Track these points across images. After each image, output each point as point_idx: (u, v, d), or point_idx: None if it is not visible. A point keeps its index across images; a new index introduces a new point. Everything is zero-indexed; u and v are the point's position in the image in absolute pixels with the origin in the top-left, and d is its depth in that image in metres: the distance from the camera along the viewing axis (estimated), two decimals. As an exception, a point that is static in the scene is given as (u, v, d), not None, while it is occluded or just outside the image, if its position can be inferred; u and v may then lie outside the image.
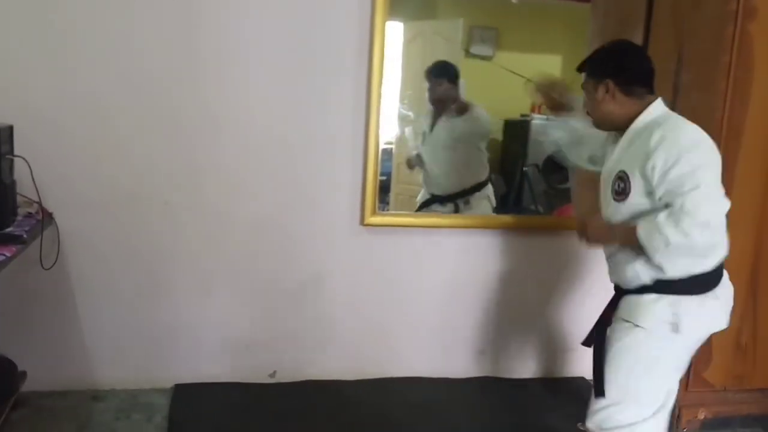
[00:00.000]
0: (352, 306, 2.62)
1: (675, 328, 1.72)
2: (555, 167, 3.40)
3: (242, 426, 2.30)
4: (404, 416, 2.43)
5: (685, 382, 2.37)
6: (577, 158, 2.16)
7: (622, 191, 1.76)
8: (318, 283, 2.58)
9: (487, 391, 2.68)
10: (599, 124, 1.89)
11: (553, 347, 2.82)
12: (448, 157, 3.06)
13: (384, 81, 2.45)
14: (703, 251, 1.70)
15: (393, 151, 3.12)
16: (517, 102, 3.42)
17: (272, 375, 2.61)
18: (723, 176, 1.70)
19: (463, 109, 3.04)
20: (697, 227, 1.60)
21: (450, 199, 2.98)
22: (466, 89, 3.24)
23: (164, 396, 2.44)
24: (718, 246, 1.74)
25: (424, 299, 2.68)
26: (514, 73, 3.21)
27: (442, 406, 2.53)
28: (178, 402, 2.40)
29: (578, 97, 3.09)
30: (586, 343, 1.96)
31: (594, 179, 1.99)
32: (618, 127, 1.83)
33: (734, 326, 2.37)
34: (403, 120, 3.08)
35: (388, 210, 2.81)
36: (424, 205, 3.02)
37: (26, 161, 2.01)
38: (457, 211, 2.97)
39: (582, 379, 2.78)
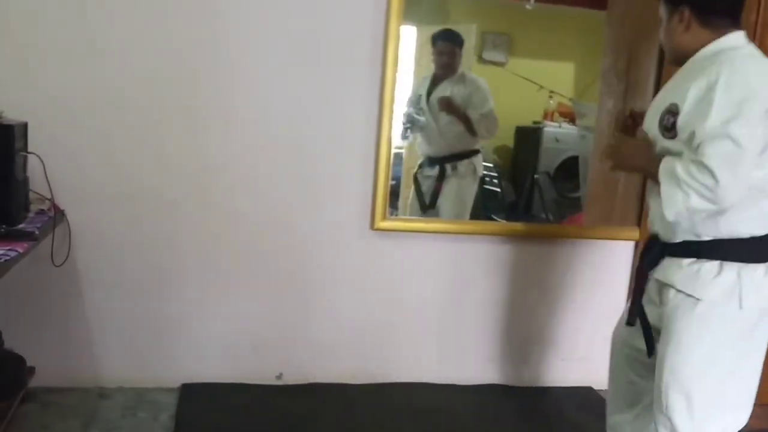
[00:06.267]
0: (361, 310, 2.62)
1: (740, 303, 1.47)
2: (566, 175, 3.40)
3: (248, 427, 2.30)
4: (410, 422, 2.42)
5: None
6: None
7: (672, 127, 1.50)
8: (327, 286, 2.57)
9: (494, 399, 2.66)
10: (670, 56, 1.66)
11: (561, 356, 2.80)
12: (443, 120, 3.04)
13: (397, 85, 2.45)
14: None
15: (404, 155, 3.12)
16: (529, 109, 3.41)
17: (279, 377, 2.61)
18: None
19: (461, 76, 3.06)
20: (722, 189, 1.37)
21: (438, 162, 2.99)
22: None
23: (171, 395, 2.45)
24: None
25: (432, 305, 2.67)
26: (526, 79, 3.20)
27: (449, 412, 2.51)
28: (185, 401, 2.41)
29: (591, 104, 3.11)
30: (630, 321, 1.67)
31: None
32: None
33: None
34: (414, 125, 3.08)
35: (397, 215, 2.81)
36: (420, 168, 3.04)
37: (39, 158, 2.02)
38: (443, 174, 2.97)
39: (590, 389, 2.76)
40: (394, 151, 2.55)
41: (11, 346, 2.26)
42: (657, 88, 2.65)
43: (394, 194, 2.72)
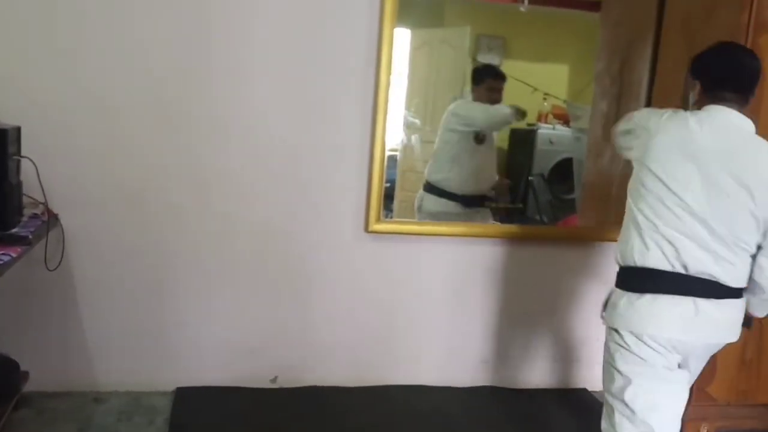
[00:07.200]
0: (356, 313, 2.62)
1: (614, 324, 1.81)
2: (561, 177, 3.41)
3: (242, 431, 2.29)
4: (406, 425, 2.42)
5: (689, 396, 2.35)
6: None
7: None
8: (321, 289, 2.57)
9: (489, 401, 2.66)
10: None
11: (556, 358, 2.80)
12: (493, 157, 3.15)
13: (391, 88, 2.46)
14: None
15: (398, 158, 3.12)
16: (524, 111, 3.41)
17: (273, 380, 2.61)
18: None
19: None
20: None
21: (483, 200, 3.08)
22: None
23: (166, 399, 2.44)
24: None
25: (427, 308, 2.67)
26: (521, 82, 3.21)
27: (445, 414, 2.51)
28: (180, 405, 2.40)
29: (585, 106, 3.12)
30: None
31: None
32: None
33: (739, 341, 2.35)
34: (409, 127, 3.09)
35: (391, 217, 2.81)
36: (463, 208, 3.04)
37: (33, 162, 2.02)
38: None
39: (584, 390, 2.77)
40: (388, 153, 2.56)
41: (5, 350, 2.26)
42: (650, 90, 2.66)
43: (388, 197, 2.73)
